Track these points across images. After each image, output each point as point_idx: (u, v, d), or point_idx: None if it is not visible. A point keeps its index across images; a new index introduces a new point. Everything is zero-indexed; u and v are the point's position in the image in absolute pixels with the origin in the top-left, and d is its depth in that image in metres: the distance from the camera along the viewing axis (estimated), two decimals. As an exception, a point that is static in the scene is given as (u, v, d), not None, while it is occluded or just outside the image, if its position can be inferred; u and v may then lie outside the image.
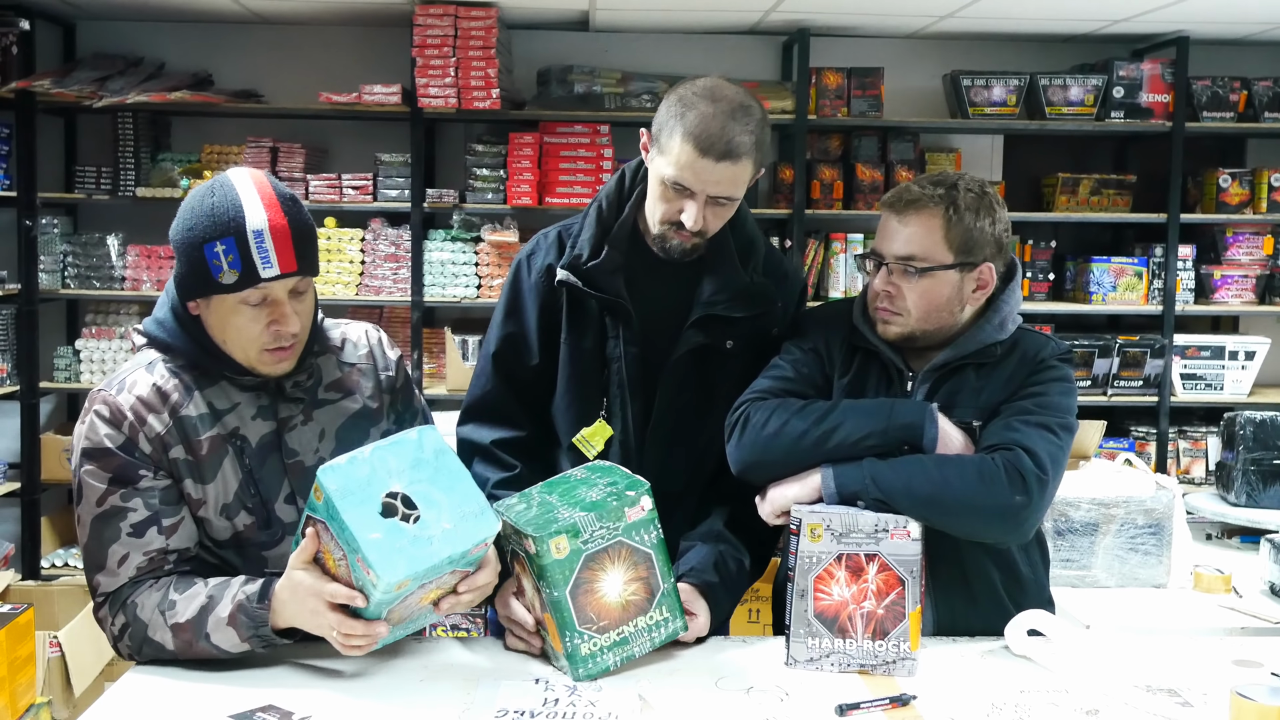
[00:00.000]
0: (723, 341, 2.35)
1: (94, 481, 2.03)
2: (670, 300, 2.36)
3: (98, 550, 2.04)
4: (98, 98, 5.07)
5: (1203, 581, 3.20)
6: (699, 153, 2.15)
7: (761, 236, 2.44)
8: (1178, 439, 5.72)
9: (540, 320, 2.39)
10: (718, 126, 2.14)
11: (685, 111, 2.17)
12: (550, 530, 2.00)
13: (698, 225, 2.21)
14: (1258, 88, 5.56)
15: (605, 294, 2.32)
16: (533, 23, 5.55)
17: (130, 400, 2.05)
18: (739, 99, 2.20)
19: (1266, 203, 5.61)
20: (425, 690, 1.99)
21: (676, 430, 2.39)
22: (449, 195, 5.34)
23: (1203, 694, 2.01)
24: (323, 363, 2.20)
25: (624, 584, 2.05)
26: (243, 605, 1.96)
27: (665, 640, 2.09)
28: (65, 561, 5.31)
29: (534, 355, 2.40)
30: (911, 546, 2.07)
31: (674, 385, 2.37)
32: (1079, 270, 5.74)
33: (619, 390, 2.36)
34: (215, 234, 1.95)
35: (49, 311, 5.46)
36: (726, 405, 2.34)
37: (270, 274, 1.96)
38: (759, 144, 2.21)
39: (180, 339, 2.07)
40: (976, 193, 2.25)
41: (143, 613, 2.01)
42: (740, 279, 2.35)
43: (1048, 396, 2.24)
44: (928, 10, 5.16)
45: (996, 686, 2.04)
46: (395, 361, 2.29)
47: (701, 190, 2.19)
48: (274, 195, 2.00)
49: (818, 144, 5.66)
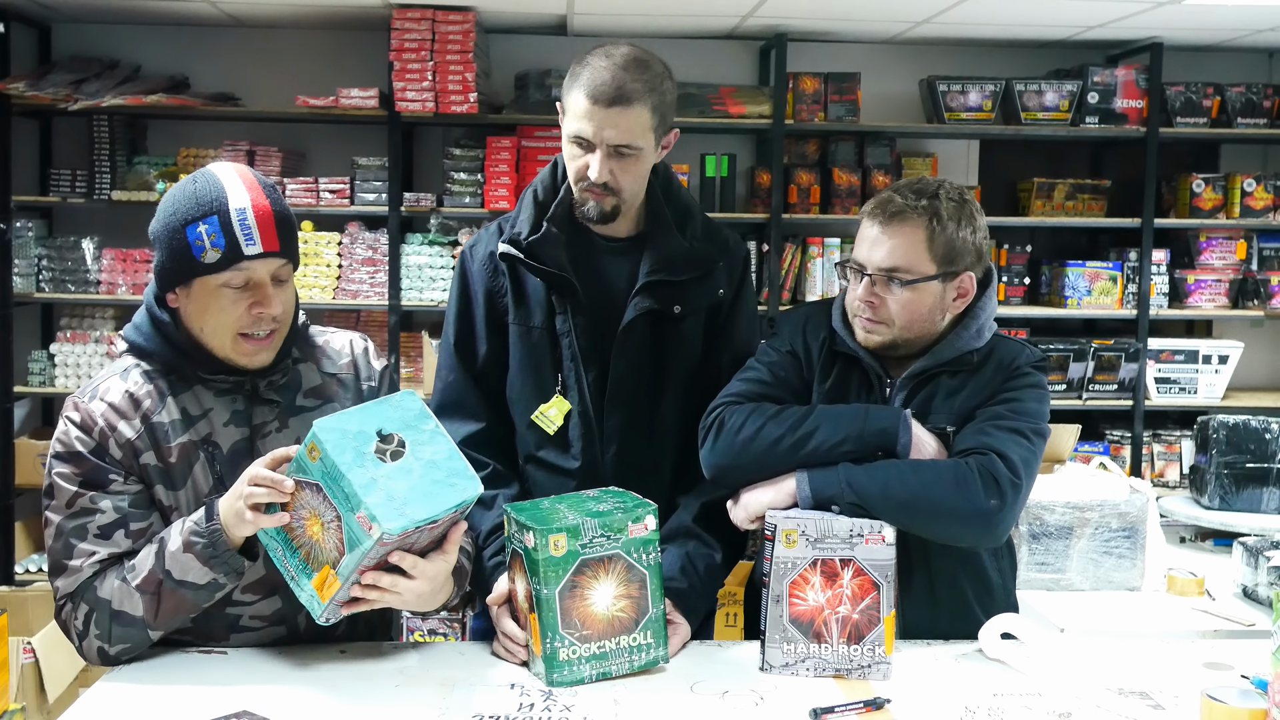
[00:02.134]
0: (670, 306, 2.39)
1: (64, 484, 2.03)
2: (615, 274, 2.41)
3: (63, 551, 2.03)
4: (73, 100, 5.04)
5: (1176, 585, 3.22)
6: (591, 101, 2.24)
7: (697, 205, 2.51)
8: (1152, 443, 5.76)
9: (487, 306, 2.43)
10: (608, 76, 2.23)
11: (581, 70, 2.28)
12: (552, 526, 2.01)
13: (601, 176, 2.27)
14: (1231, 94, 5.60)
15: (548, 267, 2.35)
16: (511, 27, 5.55)
17: (102, 407, 2.05)
18: (635, 55, 2.28)
19: (1239, 207, 5.65)
20: (400, 695, 1.99)
21: (635, 398, 2.41)
22: (426, 199, 5.33)
23: (1174, 696, 2.02)
24: (304, 369, 2.19)
25: (614, 598, 2.06)
26: (193, 529, 1.97)
27: (644, 666, 2.09)
28: (40, 567, 5.27)
29: (483, 342, 2.43)
30: (886, 551, 2.08)
31: (627, 353, 2.39)
32: (1054, 274, 5.77)
33: (572, 363, 2.38)
34: (198, 214, 1.97)
35: (23, 315, 5.42)
36: (679, 370, 2.40)
37: (253, 250, 1.97)
38: (654, 93, 2.26)
39: (155, 341, 2.07)
40: (957, 201, 2.26)
41: (103, 591, 2.01)
42: (679, 244, 2.40)
43: (1021, 402, 2.25)
44: (904, 16, 5.18)
45: (970, 690, 2.05)
46: (380, 372, 2.28)
47: (600, 140, 2.25)
48: (255, 180, 2.03)
49: (795, 148, 5.67)
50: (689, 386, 2.43)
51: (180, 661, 2.09)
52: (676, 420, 2.43)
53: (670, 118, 2.34)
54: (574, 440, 2.40)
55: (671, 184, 2.47)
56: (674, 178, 2.49)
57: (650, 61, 2.29)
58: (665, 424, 2.43)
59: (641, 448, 2.41)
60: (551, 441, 2.42)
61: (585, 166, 2.29)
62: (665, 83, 2.30)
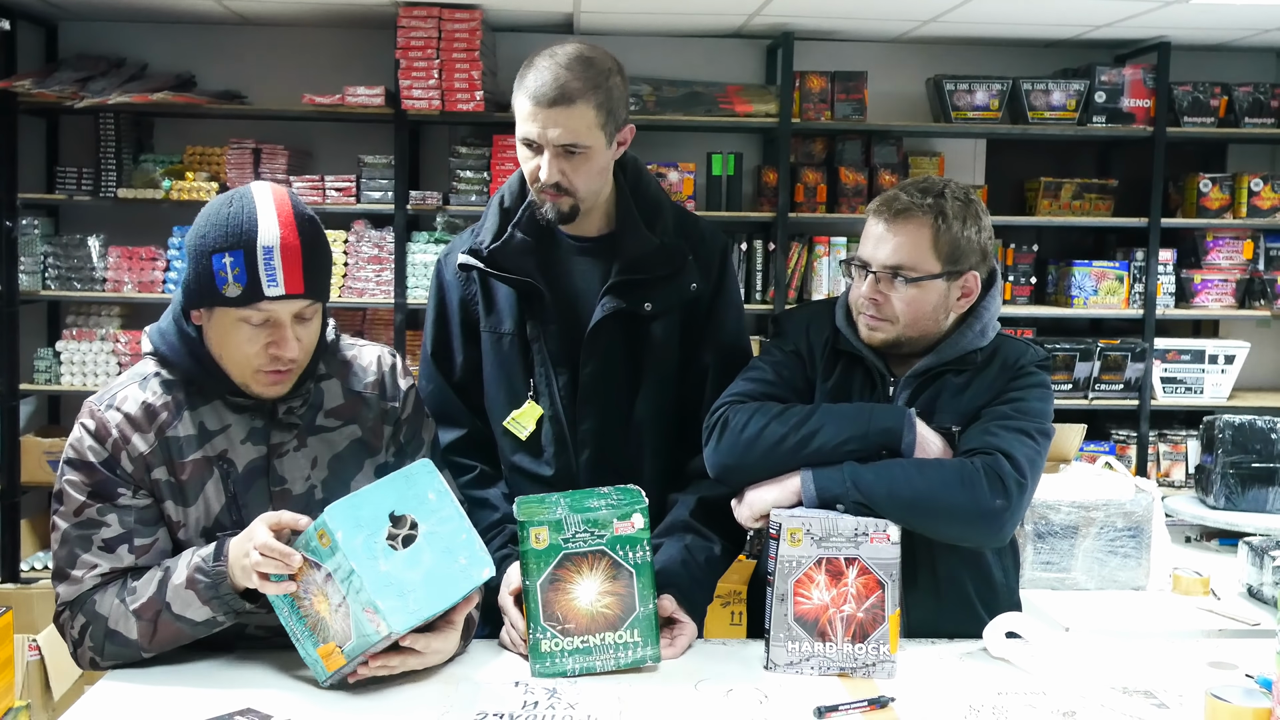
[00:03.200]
0: (640, 305, 2.36)
1: (74, 492, 2.02)
2: (586, 276, 2.39)
3: (68, 559, 2.02)
4: (79, 98, 5.05)
5: (1181, 584, 3.21)
6: (533, 103, 2.22)
7: (668, 199, 2.47)
8: (1158, 442, 5.75)
9: (462, 314, 2.42)
10: (549, 76, 2.22)
11: (526, 71, 2.26)
12: (535, 519, 2.04)
13: (552, 177, 2.25)
14: (1238, 93, 5.60)
15: (511, 274, 2.34)
16: (517, 25, 5.55)
17: (117, 418, 2.02)
18: (578, 53, 2.26)
19: (1246, 207, 5.64)
20: (404, 692, 1.99)
21: (606, 399, 2.38)
22: (432, 197, 5.34)
23: (1179, 695, 2.02)
24: (327, 386, 2.15)
25: (598, 594, 2.06)
26: (199, 566, 1.94)
27: (632, 664, 2.09)
28: (45, 565, 5.28)
29: (459, 351, 2.43)
30: (891, 550, 2.07)
31: (597, 354, 2.37)
32: (1061, 274, 5.76)
33: (543, 368, 2.37)
34: (225, 245, 1.92)
35: (29, 313, 5.43)
36: (654, 369, 2.38)
37: (274, 293, 1.92)
38: (598, 90, 2.23)
39: (178, 353, 2.04)
40: (963, 200, 2.26)
41: (101, 607, 1.99)
42: (649, 241, 2.37)
43: (1026, 402, 2.25)
44: (911, 15, 5.18)
45: (974, 688, 2.05)
46: (405, 392, 2.22)
47: (545, 140, 2.24)
48: (291, 214, 1.96)
49: (801, 147, 5.67)
50: (667, 386, 2.40)
51: (183, 660, 2.08)
52: (654, 422, 2.40)
53: (622, 113, 2.30)
54: (546, 445, 2.39)
55: (641, 180, 2.42)
56: (644, 173, 2.45)
57: (595, 58, 2.26)
58: (641, 426, 2.40)
59: (617, 451, 2.39)
60: (524, 448, 2.40)
61: (537, 168, 2.27)
62: (612, 78, 2.26)
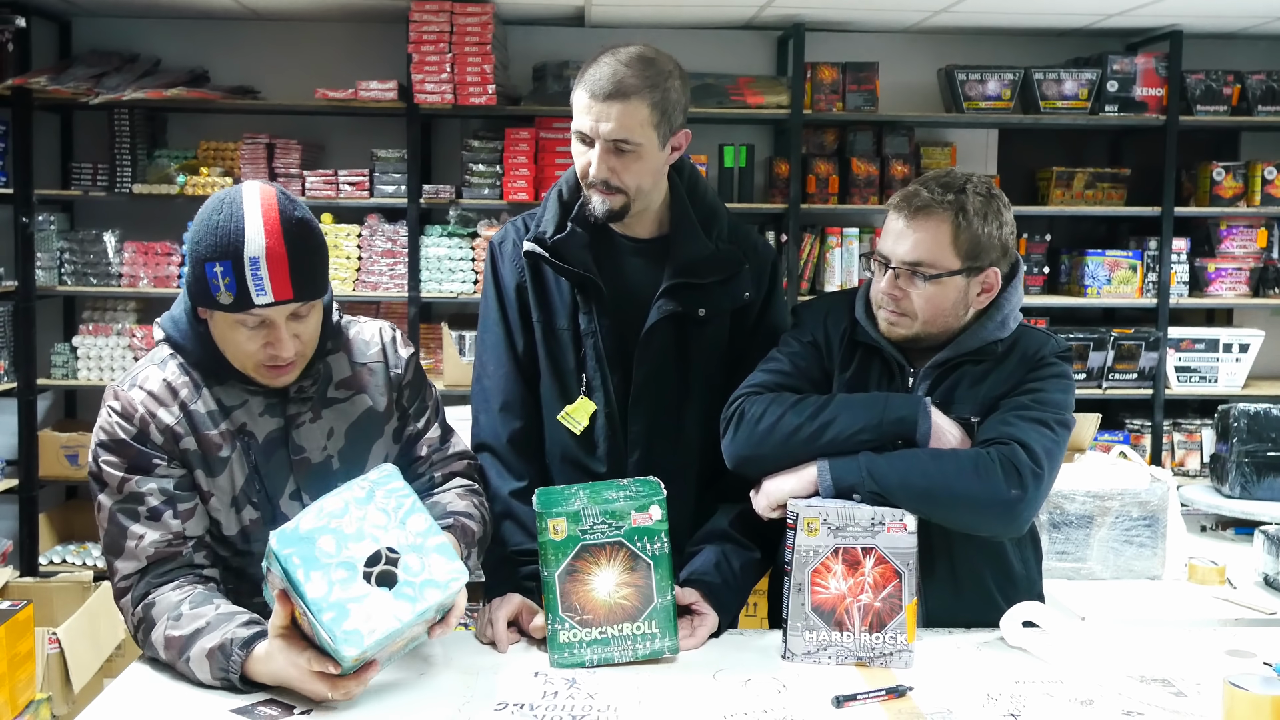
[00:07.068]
0: (695, 310, 2.37)
1: (112, 470, 2.05)
2: (638, 276, 2.40)
3: (118, 535, 2.05)
4: (94, 94, 5.07)
5: (1197, 573, 3.21)
6: (589, 96, 2.26)
7: (724, 207, 2.49)
8: (1172, 431, 5.74)
9: (519, 300, 2.42)
10: (608, 72, 2.25)
11: (586, 67, 2.30)
12: (552, 510, 2.05)
13: (601, 173, 2.28)
14: (1251, 81, 5.58)
15: (573, 267, 2.35)
16: (528, 18, 5.56)
17: (141, 395, 2.07)
18: (640, 53, 2.28)
19: (1260, 195, 5.63)
20: (425, 683, 2.00)
21: (658, 401, 2.40)
22: (445, 191, 5.35)
23: (1196, 684, 2.02)
24: (334, 360, 2.20)
25: (615, 585, 2.07)
26: (224, 646, 1.94)
27: (650, 655, 2.10)
28: (64, 558, 5.32)
29: (519, 335, 2.43)
30: (908, 539, 2.08)
31: (651, 355, 2.38)
32: (1074, 264, 5.75)
33: (597, 365, 2.37)
34: (215, 255, 1.95)
35: (46, 308, 5.46)
36: (704, 374, 2.39)
37: (263, 300, 1.96)
38: (654, 89, 2.25)
39: (191, 340, 2.09)
40: (984, 196, 2.24)
41: (156, 611, 2.02)
42: (705, 246, 2.38)
43: (1045, 393, 2.25)
44: (922, 5, 5.17)
45: (992, 677, 2.05)
46: (406, 359, 2.27)
47: (597, 134, 2.26)
48: (278, 220, 1.97)
49: (813, 139, 5.67)
50: (716, 392, 2.40)
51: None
52: (701, 425, 2.41)
53: (677, 118, 2.31)
54: (599, 442, 2.40)
55: (698, 186, 2.44)
56: (700, 180, 2.47)
57: (656, 59, 2.28)
58: (690, 429, 2.42)
59: (667, 452, 2.40)
60: (579, 442, 2.41)
61: (588, 164, 2.29)
62: (670, 80, 2.27)
